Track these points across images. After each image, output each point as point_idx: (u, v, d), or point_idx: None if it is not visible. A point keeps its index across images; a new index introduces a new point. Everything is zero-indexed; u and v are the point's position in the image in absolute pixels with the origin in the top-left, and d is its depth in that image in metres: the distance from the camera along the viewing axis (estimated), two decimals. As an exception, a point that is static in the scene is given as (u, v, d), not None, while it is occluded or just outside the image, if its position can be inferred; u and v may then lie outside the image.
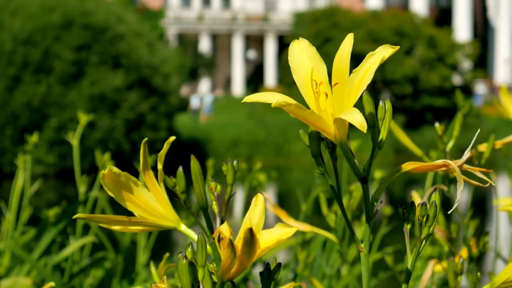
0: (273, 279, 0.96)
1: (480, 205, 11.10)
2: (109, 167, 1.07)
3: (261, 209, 1.02)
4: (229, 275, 0.94)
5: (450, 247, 1.69)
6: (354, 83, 0.94)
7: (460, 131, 1.79)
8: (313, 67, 0.97)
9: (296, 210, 3.09)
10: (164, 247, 7.73)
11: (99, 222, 1.08)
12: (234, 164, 1.10)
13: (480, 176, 0.97)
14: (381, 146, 0.97)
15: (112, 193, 1.08)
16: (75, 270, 3.09)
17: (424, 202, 0.96)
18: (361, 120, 0.87)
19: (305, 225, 1.78)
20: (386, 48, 0.94)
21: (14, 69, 21.46)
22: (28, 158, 3.09)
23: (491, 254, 2.41)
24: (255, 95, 0.95)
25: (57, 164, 21.21)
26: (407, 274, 0.98)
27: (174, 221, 1.11)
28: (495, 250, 2.19)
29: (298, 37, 1.02)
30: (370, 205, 0.97)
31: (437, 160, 0.98)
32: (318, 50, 0.99)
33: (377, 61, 0.93)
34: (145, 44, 23.44)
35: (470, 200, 1.88)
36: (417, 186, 2.68)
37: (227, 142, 27.79)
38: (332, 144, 0.96)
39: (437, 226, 1.72)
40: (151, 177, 1.11)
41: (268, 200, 1.75)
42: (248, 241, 0.91)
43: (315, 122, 0.93)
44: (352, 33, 0.98)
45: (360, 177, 0.96)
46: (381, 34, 33.77)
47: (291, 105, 0.89)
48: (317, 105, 0.95)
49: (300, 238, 2.88)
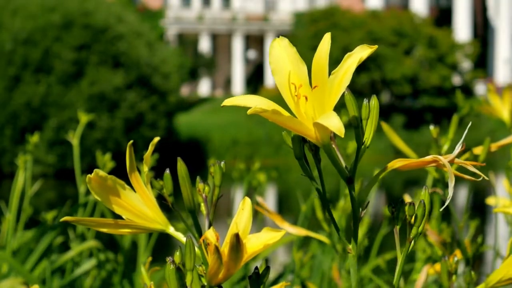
0: (262, 283, 0.95)
1: (480, 205, 11.11)
2: (95, 170, 1.07)
3: (248, 213, 1.00)
4: (216, 280, 0.93)
5: (444, 251, 1.68)
6: (333, 84, 0.93)
7: (460, 132, 1.78)
8: (290, 70, 0.95)
9: (296, 211, 3.09)
10: (165, 249, 7.72)
11: (87, 225, 1.08)
12: (221, 165, 1.09)
13: (473, 170, 0.95)
14: (367, 146, 0.95)
15: (99, 196, 1.07)
16: (76, 272, 3.09)
17: (412, 202, 0.95)
18: (338, 125, 0.85)
19: (300, 229, 1.76)
20: (364, 48, 0.92)
21: (14, 69, 21.45)
22: (29, 158, 3.09)
23: (490, 254, 2.41)
24: (234, 98, 0.93)
25: (57, 164, 21.20)
26: (397, 274, 0.97)
27: (163, 224, 1.10)
28: (494, 250, 2.19)
29: (298, 37, 1.01)
30: (357, 206, 0.96)
31: (427, 156, 0.96)
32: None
33: (355, 61, 0.92)
34: (145, 44, 23.43)
35: (470, 199, 1.88)
36: (417, 187, 2.68)
37: (226, 142, 27.78)
38: (315, 147, 0.95)
39: (431, 230, 1.71)
40: (138, 180, 1.10)
41: (263, 204, 1.73)
42: (235, 246, 0.90)
43: (294, 126, 0.91)
44: (329, 33, 0.95)
45: (346, 178, 0.95)
46: (381, 34, 33.75)
47: (267, 111, 0.88)
48: (297, 108, 0.93)
49: (301, 236, 2.88)
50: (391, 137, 1.87)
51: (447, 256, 1.30)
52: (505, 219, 2.22)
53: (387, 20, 35.58)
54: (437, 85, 34.16)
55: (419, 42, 34.61)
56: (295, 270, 2.80)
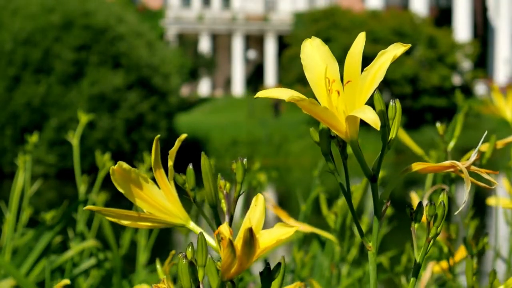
0: (273, 279, 0.96)
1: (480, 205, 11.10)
2: (119, 162, 1.07)
3: (261, 209, 1.01)
4: (229, 274, 0.93)
5: (450, 248, 1.69)
6: (365, 81, 0.94)
7: (460, 131, 1.79)
8: (327, 65, 0.97)
9: (296, 210, 3.09)
10: (164, 247, 7.73)
11: (108, 215, 1.08)
12: (244, 162, 1.09)
13: (486, 177, 0.97)
14: (390, 146, 0.97)
15: (122, 188, 1.08)
16: (75, 272, 3.09)
17: (433, 202, 0.96)
18: (375, 118, 0.87)
19: (306, 226, 1.78)
20: (398, 46, 0.94)
21: (14, 69, 21.47)
22: (28, 158, 3.09)
23: (490, 253, 2.41)
24: (267, 90, 0.95)
25: (57, 164, 21.22)
26: (415, 273, 0.98)
27: (183, 219, 1.11)
28: (495, 250, 2.19)
29: (298, 37, 1.01)
30: (379, 204, 0.97)
31: (445, 161, 0.98)
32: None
33: (389, 59, 0.93)
34: (145, 44, 23.45)
35: (472, 200, 1.88)
36: (416, 186, 2.68)
37: (226, 142, 27.79)
38: (343, 142, 0.96)
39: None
40: (161, 174, 1.10)
41: (268, 200, 1.75)
42: (248, 241, 0.91)
43: (327, 118, 0.92)
44: (364, 32, 0.97)
45: (370, 176, 0.96)
46: (381, 34, 33.77)
47: (305, 100, 0.89)
48: (329, 103, 0.95)
49: (301, 234, 2.89)
50: (399, 134, 1.88)
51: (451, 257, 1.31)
52: (505, 219, 2.23)
53: (387, 20, 35.60)
54: (437, 85, 34.17)
55: (419, 42, 34.63)
56: (295, 270, 2.80)
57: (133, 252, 3.37)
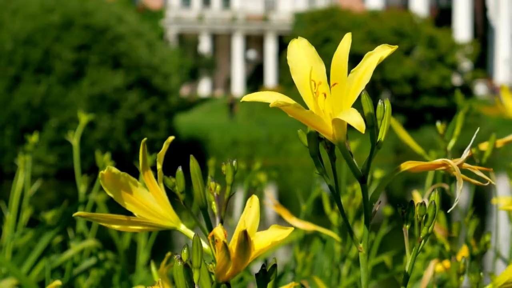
0: (269, 280, 0.95)
1: (480, 204, 11.11)
2: (108, 167, 1.07)
3: (255, 211, 1.00)
4: (224, 277, 0.93)
5: (451, 246, 1.69)
6: (352, 83, 0.93)
7: (460, 131, 1.79)
8: (312, 67, 0.96)
9: (296, 210, 3.09)
10: (164, 248, 7.73)
11: (99, 221, 1.08)
12: (233, 164, 1.09)
13: (479, 175, 0.96)
14: (380, 146, 0.96)
15: (111, 193, 1.07)
16: (75, 272, 3.09)
17: (423, 202, 0.95)
18: (359, 121, 0.86)
19: (308, 224, 1.77)
20: (384, 47, 0.93)
21: (14, 69, 21.46)
22: (28, 158, 3.09)
23: (490, 254, 2.41)
24: (254, 94, 0.94)
25: (57, 164, 21.21)
26: (406, 275, 0.97)
27: (174, 221, 1.11)
28: (495, 250, 2.19)
29: (298, 37, 1.01)
30: (369, 205, 0.96)
31: (437, 159, 0.98)
32: (317, 50, 0.99)
33: (375, 60, 0.93)
34: (145, 44, 23.44)
35: (471, 199, 1.88)
36: (416, 186, 2.68)
37: (226, 142, 27.78)
38: (331, 144, 0.96)
39: (438, 225, 1.72)
40: (150, 177, 1.10)
41: (271, 199, 1.75)
42: (242, 243, 0.90)
43: (313, 122, 0.92)
44: (350, 32, 0.97)
45: (359, 177, 0.96)
46: (381, 34, 33.76)
47: (289, 105, 0.89)
48: (315, 105, 0.94)
49: (302, 234, 2.89)
50: (399, 133, 1.88)
51: (454, 257, 1.30)
52: (508, 216, 2.23)
53: (387, 20, 35.59)
54: (437, 85, 34.17)
55: (419, 42, 34.62)
56: (295, 270, 2.80)
57: (133, 252, 3.37)
